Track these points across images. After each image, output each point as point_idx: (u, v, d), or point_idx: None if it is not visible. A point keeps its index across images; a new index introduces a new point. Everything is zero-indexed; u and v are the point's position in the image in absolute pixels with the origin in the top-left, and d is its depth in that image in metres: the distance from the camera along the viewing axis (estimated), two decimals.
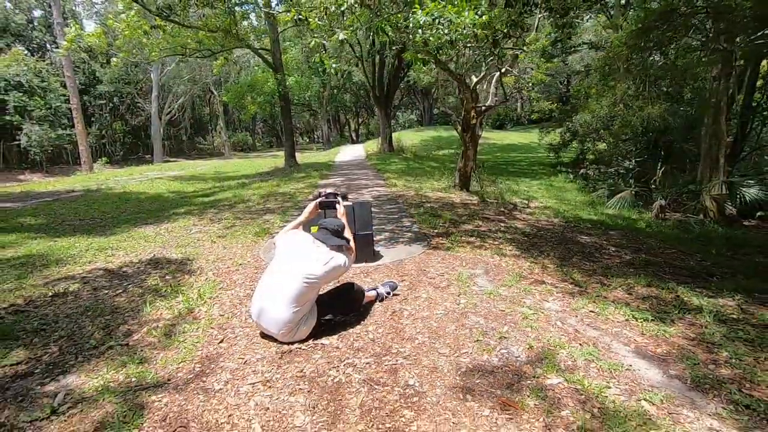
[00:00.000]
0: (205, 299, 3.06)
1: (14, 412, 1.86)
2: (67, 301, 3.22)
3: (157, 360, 2.24)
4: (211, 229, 5.59)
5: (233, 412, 1.77)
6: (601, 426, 1.61)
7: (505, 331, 2.41)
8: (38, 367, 2.26)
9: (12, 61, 21.42)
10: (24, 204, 9.36)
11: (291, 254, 2.40)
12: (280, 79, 13.91)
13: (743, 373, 2.05)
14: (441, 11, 3.49)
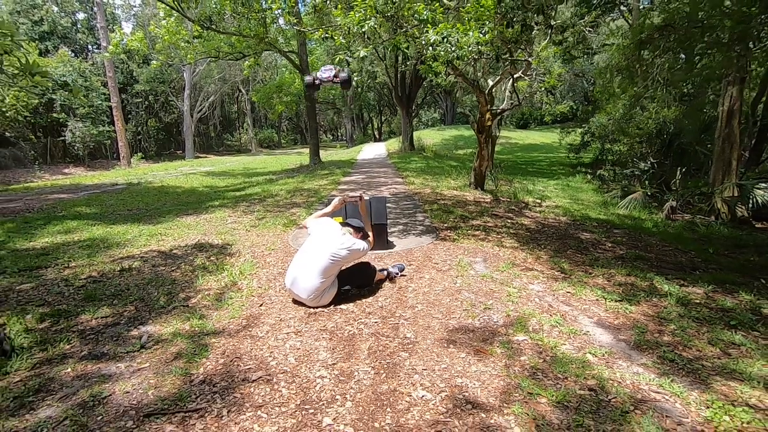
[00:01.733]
0: (245, 275, 3.70)
1: (113, 346, 2.52)
2: (133, 275, 3.91)
3: (213, 317, 2.88)
4: (244, 220, 6.27)
5: (273, 350, 2.37)
6: (549, 367, 2.13)
7: (490, 304, 2.93)
8: (122, 319, 2.93)
9: (59, 62, 22.94)
10: (77, 195, 10.36)
11: (322, 237, 2.99)
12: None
13: (681, 340, 2.51)
14: (450, 31, 4.01)
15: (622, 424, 1.71)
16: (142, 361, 2.32)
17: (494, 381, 2.02)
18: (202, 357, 2.32)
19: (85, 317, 2.97)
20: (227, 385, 2.04)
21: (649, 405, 1.85)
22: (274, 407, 1.86)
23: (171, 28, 12.64)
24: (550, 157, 22.17)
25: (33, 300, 3.35)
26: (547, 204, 9.10)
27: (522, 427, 1.70)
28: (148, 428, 1.75)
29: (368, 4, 4.02)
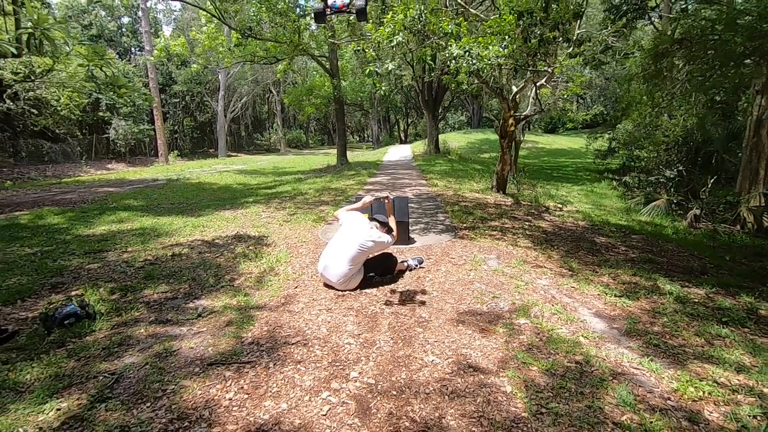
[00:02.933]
0: (281, 262, 4.16)
1: (175, 315, 3.00)
2: (182, 259, 4.44)
3: (255, 295, 3.34)
4: (277, 216, 6.78)
5: (308, 322, 2.80)
6: (544, 345, 2.47)
7: (498, 294, 3.28)
8: (179, 294, 3.43)
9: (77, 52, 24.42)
10: (123, 189, 11.21)
11: (352, 229, 3.41)
12: (335, 83, 15.19)
13: (670, 330, 2.79)
14: (471, 45, 4.36)
15: (600, 389, 2.04)
16: (200, 326, 2.79)
17: (494, 353, 2.38)
18: (249, 325, 2.77)
19: (148, 292, 3.49)
20: (271, 346, 2.47)
21: (626, 377, 2.17)
22: (310, 363, 2.28)
23: (211, 34, 13.44)
24: (576, 163, 22.01)
25: (101, 277, 3.91)
26: (568, 209, 9.26)
27: (513, 386, 2.05)
28: (212, 374, 2.20)
29: (397, 21, 4.42)
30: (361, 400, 1.95)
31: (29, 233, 5.78)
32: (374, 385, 2.07)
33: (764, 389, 2.12)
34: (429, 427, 1.76)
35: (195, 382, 2.11)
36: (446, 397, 1.96)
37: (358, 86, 20.78)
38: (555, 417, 1.82)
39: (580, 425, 1.77)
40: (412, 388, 2.04)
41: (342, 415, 1.85)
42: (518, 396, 1.98)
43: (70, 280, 3.88)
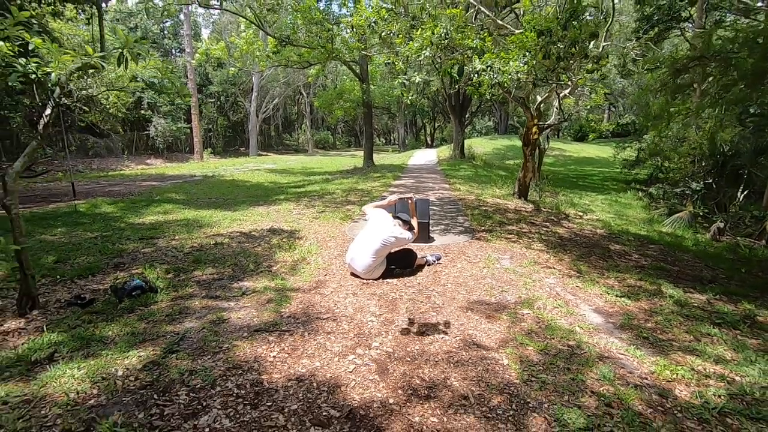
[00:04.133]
0: (312, 253, 4.62)
1: (223, 292, 3.49)
2: (224, 248, 4.96)
3: (290, 279, 3.79)
4: (307, 213, 7.27)
5: (337, 303, 3.23)
6: (542, 331, 2.81)
7: (507, 288, 3.62)
8: (224, 276, 3.92)
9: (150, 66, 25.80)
10: (164, 183, 12.02)
11: (377, 225, 3.83)
12: (365, 88, 15.70)
13: (662, 327, 3.07)
14: (493, 60, 4.71)
15: (585, 367, 2.37)
16: (244, 302, 3.26)
17: (496, 334, 2.74)
18: (286, 303, 3.22)
19: (197, 273, 4.00)
20: (306, 320, 2.91)
21: (611, 360, 2.49)
22: (339, 334, 2.71)
23: (249, 39, 14.17)
24: (603, 172, 21.79)
25: (156, 260, 4.46)
26: (588, 217, 9.40)
27: (510, 360, 2.41)
28: (258, 338, 2.65)
29: (426, 37, 4.81)
30: (381, 363, 2.35)
31: (89, 220, 6.47)
32: (392, 353, 2.47)
33: (737, 378, 2.40)
34: (436, 384, 2.15)
35: (244, 343, 2.57)
36: (451, 365, 2.34)
37: (386, 91, 21.26)
38: (542, 384, 2.17)
39: (562, 392, 2.12)
40: (423, 357, 2.43)
41: (365, 372, 2.26)
42: (513, 368, 2.34)
43: (129, 261, 4.45)
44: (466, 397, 2.04)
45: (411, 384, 2.15)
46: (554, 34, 4.46)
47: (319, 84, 37.61)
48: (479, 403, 2.01)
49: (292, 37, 12.18)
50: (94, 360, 2.37)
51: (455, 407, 1.97)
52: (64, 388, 2.10)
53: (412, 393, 2.08)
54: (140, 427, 1.81)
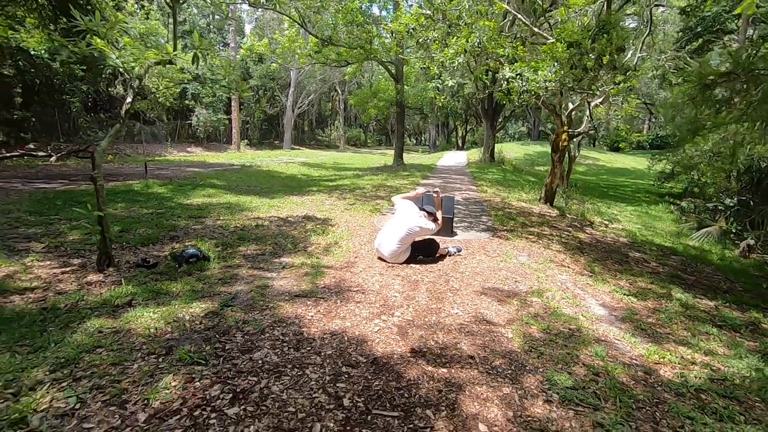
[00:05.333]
0: (344, 238, 5.06)
1: (266, 265, 3.97)
2: (264, 229, 5.47)
3: (324, 259, 4.24)
4: (338, 204, 7.74)
5: (365, 280, 3.64)
6: (547, 316, 3.13)
7: (520, 280, 3.94)
8: (266, 253, 4.41)
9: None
10: (206, 170, 12.80)
11: (404, 215, 4.23)
12: (399, 89, 16.11)
13: (662, 323, 3.33)
14: (522, 69, 5.01)
15: (581, 346, 2.69)
16: (285, 274, 3.73)
17: (505, 314, 3.09)
18: (321, 277, 3.66)
19: (242, 248, 4.51)
20: (338, 290, 3.34)
21: (606, 343, 2.79)
22: (366, 304, 3.12)
23: (291, 37, 14.84)
24: (637, 184, 21.38)
25: (205, 235, 5.00)
26: (614, 226, 9.46)
27: (514, 334, 2.76)
28: (298, 301, 3.09)
29: (460, 45, 5.15)
30: (402, 327, 2.75)
31: (143, 198, 7.15)
32: (411, 321, 2.86)
33: (722, 368, 2.66)
34: (447, 347, 2.53)
35: (287, 304, 3.02)
36: (462, 334, 2.71)
37: (420, 92, 21.59)
38: (539, 354, 2.51)
39: (557, 361, 2.45)
40: (438, 326, 2.81)
41: (387, 333, 2.66)
42: (516, 340, 2.68)
43: (182, 234, 5.01)
44: (473, 357, 2.41)
45: (427, 344, 2.54)
46: (583, 46, 4.72)
47: (354, 82, 38.30)
48: (483, 362, 2.37)
49: (333, 38, 12.70)
50: (164, 307, 2.87)
51: (463, 364, 2.34)
52: (144, 324, 2.60)
53: (426, 351, 2.46)
54: (208, 355, 2.28)
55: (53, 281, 3.38)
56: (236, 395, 1.95)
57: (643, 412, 2.04)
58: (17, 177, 8.83)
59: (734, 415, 2.10)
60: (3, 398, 1.86)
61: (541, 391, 2.13)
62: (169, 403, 1.87)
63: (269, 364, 2.23)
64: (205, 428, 1.73)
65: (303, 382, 2.08)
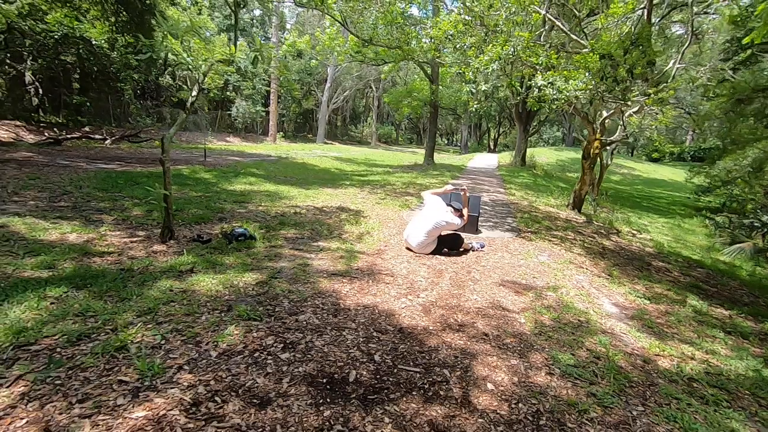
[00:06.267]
0: (375, 229, 5.45)
1: (305, 247, 4.40)
2: (302, 216, 5.93)
3: (357, 246, 4.64)
4: (370, 198, 8.14)
5: (394, 265, 4.02)
6: (559, 308, 3.41)
7: (538, 276, 4.22)
8: (304, 237, 4.85)
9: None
10: (245, 159, 13.50)
11: (432, 209, 4.58)
12: (434, 89, 16.37)
13: (670, 324, 3.54)
14: (554, 78, 5.24)
15: (587, 334, 2.96)
16: (322, 256, 4.15)
17: (520, 304, 3.39)
18: (354, 260, 4.06)
19: (283, 232, 4.97)
20: (370, 272, 3.73)
21: (612, 335, 3.05)
22: (395, 285, 3.49)
23: (332, 36, 15.34)
24: (673, 196, 20.83)
25: (249, 218, 5.50)
26: (642, 236, 9.45)
27: (526, 320, 3.07)
28: (334, 279, 3.50)
29: (495, 52, 5.42)
30: (425, 306, 3.11)
31: (192, 182, 7.78)
32: (434, 302, 3.21)
33: (720, 365, 2.87)
34: (465, 325, 2.87)
35: (325, 280, 3.43)
36: (479, 316, 3.04)
37: (454, 93, 21.75)
38: (548, 337, 2.82)
39: (562, 344, 2.75)
40: (458, 308, 3.15)
41: (413, 310, 3.03)
42: (527, 325, 2.99)
43: (229, 216, 5.53)
44: (487, 335, 2.74)
45: (447, 321, 2.89)
46: (615, 57, 4.91)
47: (389, 80, 38.68)
48: (496, 339, 2.70)
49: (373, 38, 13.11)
50: (221, 275, 3.34)
51: (477, 339, 2.68)
52: (206, 287, 3.07)
53: (447, 326, 2.81)
54: (261, 314, 2.71)
55: (125, 248, 3.92)
56: (286, 345, 2.37)
57: (634, 390, 2.32)
58: (81, 157, 9.69)
59: (720, 401, 2.35)
60: (105, 332, 2.34)
61: (544, 365, 2.45)
62: (233, 346, 2.30)
63: (312, 325, 2.64)
64: (264, 366, 2.14)
65: (340, 341, 2.47)
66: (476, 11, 6.38)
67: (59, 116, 17.71)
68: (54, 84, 18.12)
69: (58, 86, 18.32)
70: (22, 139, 12.73)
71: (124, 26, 14.83)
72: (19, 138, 12.79)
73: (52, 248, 3.64)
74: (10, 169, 6.93)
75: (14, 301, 2.59)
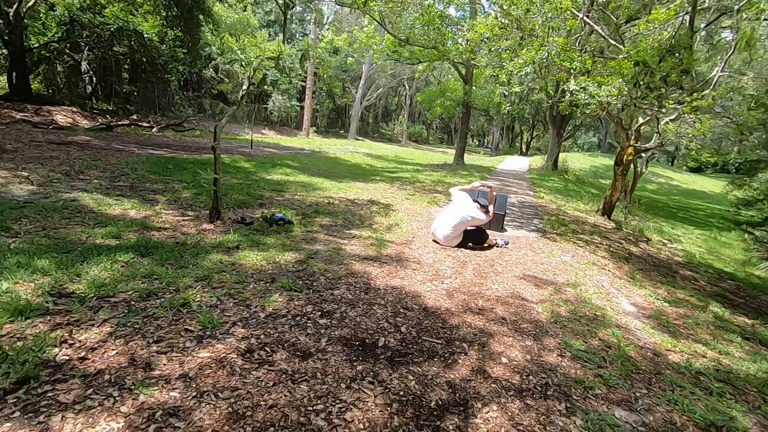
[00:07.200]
0: (403, 221, 5.72)
1: (338, 233, 4.72)
2: (335, 206, 6.26)
3: (386, 235, 4.93)
4: (399, 193, 8.41)
5: (421, 254, 4.28)
6: (576, 302, 3.58)
7: (559, 273, 4.38)
8: (337, 225, 5.17)
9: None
10: (281, 152, 14.02)
11: (459, 204, 4.80)
12: (467, 89, 16.45)
13: (687, 326, 3.64)
14: (587, 83, 5.34)
15: (602, 326, 3.14)
16: (354, 242, 4.46)
17: (539, 296, 3.59)
18: (384, 248, 4.35)
19: (318, 219, 5.31)
20: (398, 259, 4.01)
21: (626, 330, 3.21)
22: (421, 271, 3.76)
23: (369, 34, 15.66)
24: (712, 208, 20.10)
25: (286, 205, 5.88)
26: (673, 246, 9.31)
27: (543, 309, 3.27)
28: (365, 262, 3.80)
29: (530, 56, 5.57)
30: (449, 291, 3.36)
31: (233, 170, 8.27)
32: (457, 288, 3.46)
33: (731, 365, 2.99)
34: (485, 309, 3.10)
35: (357, 263, 3.73)
36: (498, 303, 3.27)
37: (487, 94, 21.70)
38: (562, 326, 3.01)
39: (576, 333, 2.94)
40: (479, 295, 3.38)
41: (437, 293, 3.29)
42: (544, 314, 3.20)
43: (268, 203, 5.92)
44: (504, 319, 2.97)
45: (468, 305, 3.13)
46: (650, 64, 4.98)
47: (423, 79, 38.78)
48: (513, 323, 2.93)
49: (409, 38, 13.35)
50: (264, 252, 3.69)
51: (495, 321, 2.91)
52: (251, 262, 3.42)
53: (467, 309, 3.06)
54: (301, 287, 3.03)
55: (177, 225, 4.34)
56: (323, 313, 2.68)
57: (640, 376, 2.50)
58: (132, 142, 10.40)
59: (725, 393, 2.50)
60: (169, 292, 2.72)
61: (556, 348, 2.66)
62: (278, 310, 2.63)
63: (346, 299, 2.94)
64: (305, 327, 2.46)
65: (371, 313, 2.76)
66: (514, 15, 6.52)
67: (110, 104, 18.85)
68: (107, 73, 19.28)
69: (111, 76, 19.48)
70: (77, 124, 13.69)
71: (174, 20, 15.69)
72: (76, 123, 13.77)
73: (116, 221, 4.10)
74: (73, 150, 7.60)
75: (91, 262, 3.01)
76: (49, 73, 18.01)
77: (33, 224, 3.70)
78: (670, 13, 6.58)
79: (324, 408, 1.79)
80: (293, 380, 1.95)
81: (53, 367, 1.85)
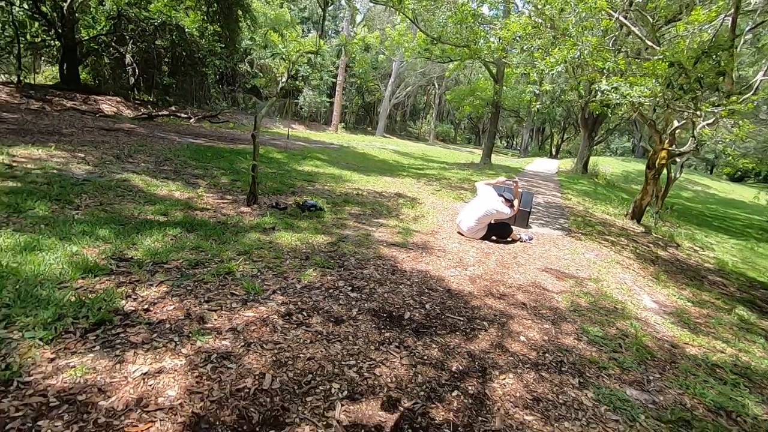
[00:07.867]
0: (429, 214, 5.89)
1: (367, 221, 4.94)
2: (363, 197, 6.49)
3: (413, 225, 5.11)
4: (426, 188, 8.57)
5: (446, 244, 4.45)
6: (597, 295, 3.67)
7: (581, 269, 4.45)
8: (366, 214, 5.39)
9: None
10: (311, 145, 14.39)
11: (484, 198, 4.94)
12: (498, 89, 16.38)
13: (708, 325, 3.67)
14: (619, 83, 5.35)
15: (620, 318, 3.23)
16: (381, 230, 4.66)
17: (560, 287, 3.69)
18: (410, 236, 4.54)
19: (347, 208, 5.54)
20: (424, 247, 4.19)
21: (645, 323, 3.29)
22: (446, 259, 3.93)
23: (401, 32, 15.81)
24: (751, 219, 19.30)
25: (317, 194, 6.13)
26: (704, 253, 9.09)
27: (563, 299, 3.38)
28: (392, 248, 3.99)
29: (562, 55, 5.61)
30: (472, 278, 3.52)
31: (266, 161, 8.62)
32: (480, 275, 3.61)
33: (751, 363, 3.03)
34: (506, 295, 3.25)
35: (384, 248, 3.94)
36: (519, 290, 3.40)
37: (518, 94, 21.50)
38: (581, 314, 3.12)
39: (594, 321, 3.05)
40: (501, 282, 3.53)
41: (460, 278, 3.45)
42: (564, 303, 3.31)
43: (300, 191, 6.20)
44: (525, 304, 3.11)
45: (490, 291, 3.28)
46: (685, 66, 4.96)
47: (453, 78, 38.62)
48: (533, 308, 3.06)
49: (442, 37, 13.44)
50: (298, 234, 3.94)
51: (515, 306, 3.06)
52: (287, 242, 3.67)
53: (489, 294, 3.21)
54: (333, 265, 3.25)
55: (218, 207, 4.65)
56: (354, 288, 2.89)
57: (655, 363, 2.60)
58: (172, 131, 10.94)
59: (739, 385, 2.56)
60: (215, 262, 2.99)
61: (574, 333, 2.78)
62: (312, 283, 2.86)
63: (374, 277, 3.15)
64: (337, 298, 2.68)
65: (397, 291, 2.96)
66: (548, 14, 6.56)
67: (151, 95, 19.72)
68: (148, 66, 20.15)
69: (152, 68, 20.35)
70: (121, 113, 14.45)
71: (214, 16, 16.28)
72: (120, 112, 14.53)
73: (164, 200, 4.44)
74: (121, 136, 8.11)
75: (145, 234, 3.32)
76: (96, 64, 19.01)
77: (92, 199, 4.07)
78: (711, 15, 6.46)
79: (356, 363, 2.00)
80: (328, 340, 2.17)
81: (122, 314, 2.13)
